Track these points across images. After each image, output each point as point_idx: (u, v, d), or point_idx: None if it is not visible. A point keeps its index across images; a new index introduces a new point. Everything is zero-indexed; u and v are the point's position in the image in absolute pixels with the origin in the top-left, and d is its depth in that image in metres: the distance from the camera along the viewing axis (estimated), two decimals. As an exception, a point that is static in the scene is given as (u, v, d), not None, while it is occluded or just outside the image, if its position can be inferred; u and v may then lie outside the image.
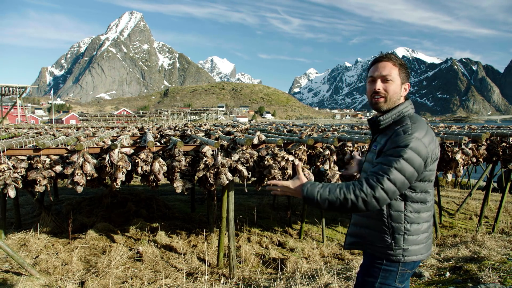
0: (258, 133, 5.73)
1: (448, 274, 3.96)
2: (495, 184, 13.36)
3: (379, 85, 1.74)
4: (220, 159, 4.86)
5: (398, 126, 1.70)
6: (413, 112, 1.77)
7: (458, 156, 5.45)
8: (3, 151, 4.52)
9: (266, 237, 6.95)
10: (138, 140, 7.33)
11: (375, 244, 1.77)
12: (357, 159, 2.26)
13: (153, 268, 5.41)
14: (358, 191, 1.52)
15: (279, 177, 5.00)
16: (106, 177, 5.03)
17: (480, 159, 5.81)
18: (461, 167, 5.55)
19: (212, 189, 5.26)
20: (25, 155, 4.77)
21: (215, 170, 4.89)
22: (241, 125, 12.28)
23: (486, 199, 7.95)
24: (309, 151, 5.42)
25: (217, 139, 5.80)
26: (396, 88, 1.74)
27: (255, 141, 5.34)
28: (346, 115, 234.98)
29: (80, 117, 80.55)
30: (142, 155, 4.84)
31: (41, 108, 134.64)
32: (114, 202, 8.37)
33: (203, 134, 7.14)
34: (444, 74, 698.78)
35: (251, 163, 5.08)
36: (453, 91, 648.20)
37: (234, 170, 5.05)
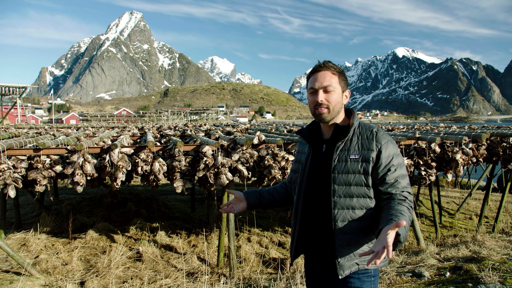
0: (258, 133, 5.73)
1: (448, 274, 3.95)
2: (495, 184, 13.36)
3: (321, 96, 1.70)
4: (220, 159, 4.86)
5: (365, 131, 1.74)
6: None
7: (458, 156, 5.45)
8: (3, 151, 4.52)
9: (266, 237, 6.95)
10: (138, 140, 7.33)
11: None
12: (239, 196, 2.03)
13: (153, 268, 5.41)
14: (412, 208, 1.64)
15: (279, 177, 4.99)
16: (106, 177, 5.03)
17: (480, 159, 5.80)
18: (461, 167, 5.55)
19: (212, 189, 5.26)
20: (25, 155, 4.77)
21: (215, 170, 4.89)
22: (241, 125, 12.29)
23: (486, 199, 7.96)
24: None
25: (217, 139, 5.80)
26: (337, 97, 1.72)
27: (255, 141, 5.34)
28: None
29: (80, 117, 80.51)
30: (142, 155, 4.84)
31: (41, 108, 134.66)
32: (114, 202, 8.36)
33: (203, 134, 7.15)
34: (444, 74, 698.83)
35: (251, 163, 5.08)
36: (453, 91, 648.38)
37: (234, 170, 5.05)
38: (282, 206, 2.14)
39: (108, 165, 4.71)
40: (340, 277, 1.64)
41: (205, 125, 11.97)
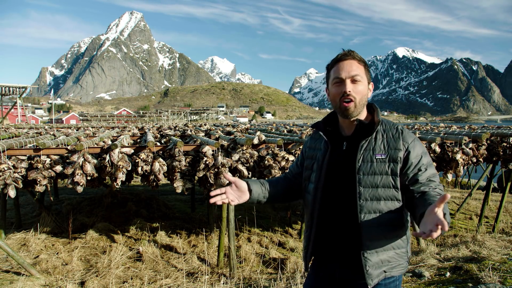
0: (258, 133, 5.73)
1: (448, 274, 3.95)
2: (495, 184, 13.36)
3: (349, 86, 1.56)
4: (220, 159, 4.86)
5: (389, 129, 1.62)
6: None
7: (458, 156, 5.45)
8: (4, 151, 4.52)
9: (266, 237, 6.95)
10: (138, 140, 7.33)
11: (400, 264, 1.61)
12: (241, 185, 1.68)
13: (153, 268, 5.41)
14: None
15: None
16: (106, 177, 5.03)
17: (480, 159, 5.80)
18: (461, 167, 5.55)
19: (212, 189, 5.27)
20: (25, 155, 4.77)
21: (215, 170, 4.89)
22: (241, 125, 12.29)
23: (486, 199, 7.96)
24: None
25: (217, 139, 5.80)
26: (364, 89, 1.59)
27: (255, 141, 5.34)
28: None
29: (80, 117, 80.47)
30: (142, 155, 4.84)
31: (41, 108, 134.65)
32: (114, 202, 8.37)
33: (203, 134, 7.15)
34: (445, 74, 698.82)
35: (251, 163, 5.08)
36: (453, 91, 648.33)
37: (234, 170, 5.05)
38: (283, 202, 1.92)
39: (108, 165, 4.71)
40: (369, 287, 1.54)
41: (205, 125, 11.97)
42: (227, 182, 1.73)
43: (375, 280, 1.55)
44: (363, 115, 1.65)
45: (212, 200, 1.59)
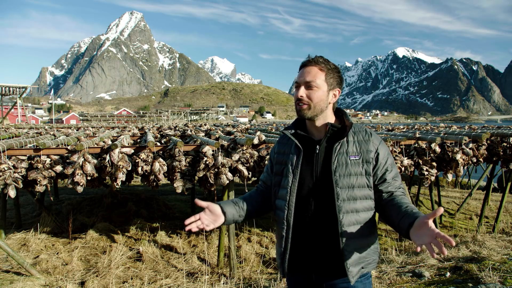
0: (258, 133, 5.73)
1: (448, 274, 3.95)
2: (495, 184, 13.36)
3: (302, 91, 1.64)
4: (220, 159, 4.86)
5: (359, 131, 1.70)
6: None
7: (459, 156, 5.45)
8: (4, 151, 4.52)
9: (267, 237, 6.95)
10: (139, 140, 7.33)
11: (374, 259, 1.69)
12: (214, 209, 1.66)
13: (154, 268, 5.41)
14: None
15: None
16: (107, 177, 5.03)
17: (481, 159, 5.80)
18: (462, 167, 5.55)
19: (213, 189, 5.26)
20: (26, 155, 4.77)
21: (216, 170, 4.89)
22: (241, 125, 12.29)
23: (486, 199, 7.95)
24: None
25: (217, 139, 5.80)
26: (321, 95, 1.64)
27: (255, 141, 5.34)
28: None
29: (81, 117, 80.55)
30: (143, 155, 4.84)
31: (41, 108, 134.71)
32: (115, 202, 8.36)
33: (203, 134, 7.15)
34: (445, 74, 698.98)
35: (251, 163, 5.08)
36: (454, 91, 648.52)
37: (234, 170, 5.05)
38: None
39: (108, 165, 4.71)
40: (351, 284, 1.59)
41: (205, 125, 11.97)
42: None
43: (355, 277, 1.60)
44: (331, 119, 1.72)
45: (187, 228, 1.58)
